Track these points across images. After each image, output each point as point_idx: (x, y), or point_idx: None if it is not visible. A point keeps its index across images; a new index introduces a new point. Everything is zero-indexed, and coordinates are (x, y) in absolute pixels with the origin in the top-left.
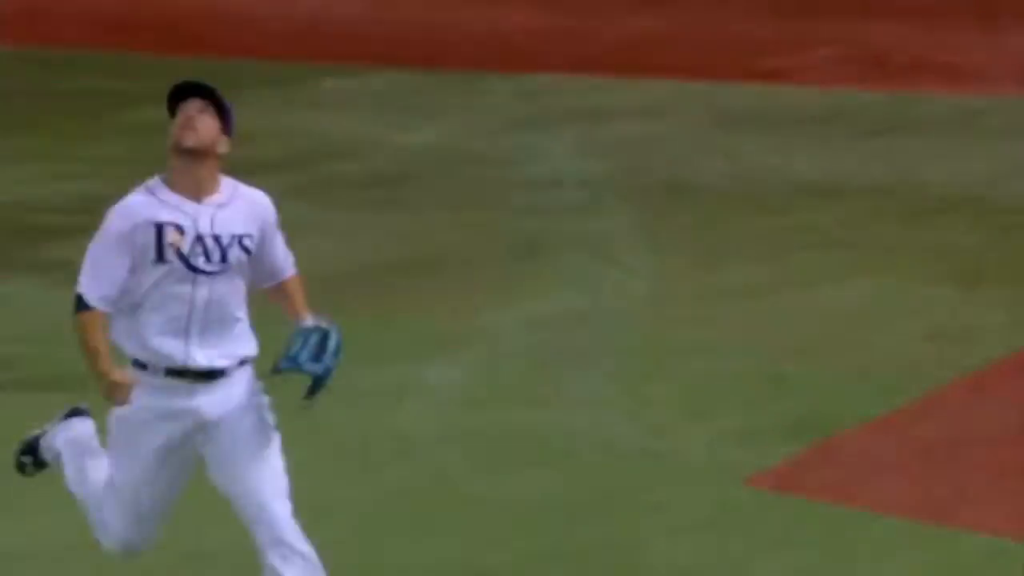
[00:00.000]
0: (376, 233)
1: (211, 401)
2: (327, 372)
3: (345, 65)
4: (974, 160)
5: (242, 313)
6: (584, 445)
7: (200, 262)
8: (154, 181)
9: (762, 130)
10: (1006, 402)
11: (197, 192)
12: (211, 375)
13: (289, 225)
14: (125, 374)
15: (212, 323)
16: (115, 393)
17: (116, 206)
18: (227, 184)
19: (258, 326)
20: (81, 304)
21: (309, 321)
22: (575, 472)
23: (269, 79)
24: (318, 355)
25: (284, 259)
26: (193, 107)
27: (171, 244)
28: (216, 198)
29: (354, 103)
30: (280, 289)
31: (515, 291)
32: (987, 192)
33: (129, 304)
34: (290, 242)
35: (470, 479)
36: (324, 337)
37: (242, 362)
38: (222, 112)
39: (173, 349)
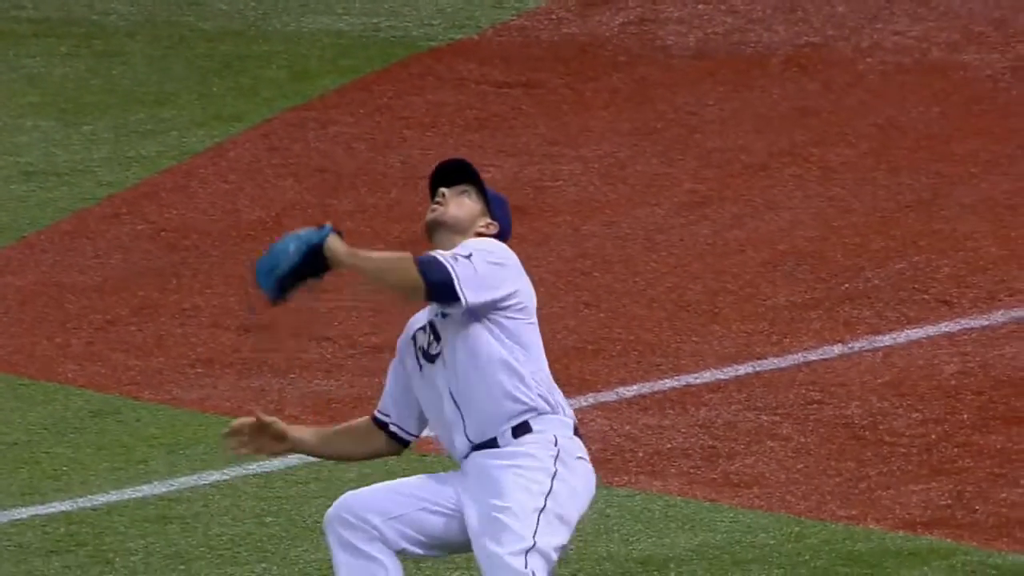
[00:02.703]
0: None
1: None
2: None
3: None
4: None
5: (503, 377)
6: None
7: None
8: None
9: None
10: (112, 243)
11: None
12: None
13: None
14: None
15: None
16: None
17: None
18: None
19: None
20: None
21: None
22: None
23: None
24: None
25: None
26: (451, 191)
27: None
28: None
29: None
30: None
31: None
32: (179, 14)
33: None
34: None
35: None
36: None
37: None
38: (486, 196)
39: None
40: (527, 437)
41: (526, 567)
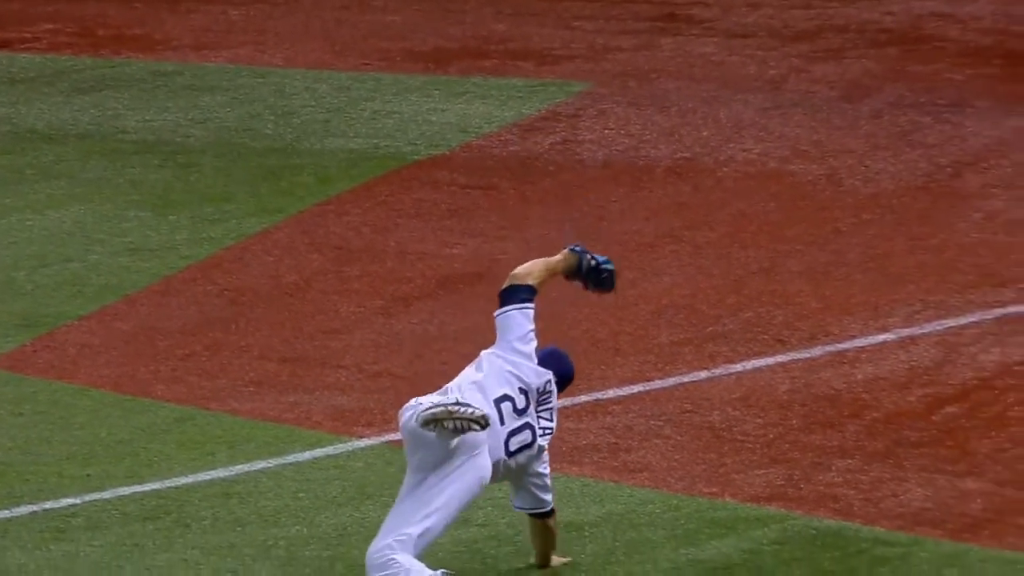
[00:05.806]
0: None
1: None
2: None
3: None
4: (166, 112)
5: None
6: None
7: None
8: None
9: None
10: (190, 299)
11: None
12: None
13: None
14: None
15: None
16: None
17: None
18: None
19: None
20: None
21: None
22: None
23: None
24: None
25: None
26: None
27: None
28: None
29: None
30: None
31: None
32: (238, 137)
33: None
34: None
35: None
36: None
37: None
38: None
39: None
40: None
41: None
